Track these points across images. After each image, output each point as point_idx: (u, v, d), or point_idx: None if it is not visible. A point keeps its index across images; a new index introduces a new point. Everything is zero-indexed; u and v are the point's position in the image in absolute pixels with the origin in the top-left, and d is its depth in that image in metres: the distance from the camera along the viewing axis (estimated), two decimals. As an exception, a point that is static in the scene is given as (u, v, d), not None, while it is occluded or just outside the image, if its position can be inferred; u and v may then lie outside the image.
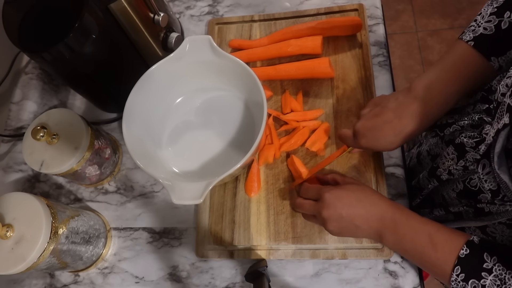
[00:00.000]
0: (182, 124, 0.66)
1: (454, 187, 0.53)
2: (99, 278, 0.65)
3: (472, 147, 0.47)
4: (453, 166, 0.51)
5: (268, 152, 0.65)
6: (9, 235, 0.49)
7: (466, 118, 0.52)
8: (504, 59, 0.48)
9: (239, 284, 0.61)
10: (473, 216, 0.52)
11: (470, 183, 0.49)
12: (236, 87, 0.64)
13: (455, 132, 0.54)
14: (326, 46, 0.71)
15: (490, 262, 0.42)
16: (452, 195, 0.54)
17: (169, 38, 0.70)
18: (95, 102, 0.74)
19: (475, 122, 0.51)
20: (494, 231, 0.49)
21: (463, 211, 0.54)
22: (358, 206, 0.51)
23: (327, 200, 0.51)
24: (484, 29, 0.48)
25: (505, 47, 0.48)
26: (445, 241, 0.46)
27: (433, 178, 0.57)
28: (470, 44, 0.49)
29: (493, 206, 0.47)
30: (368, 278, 0.58)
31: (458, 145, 0.50)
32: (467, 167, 0.48)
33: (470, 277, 0.42)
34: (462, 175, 0.51)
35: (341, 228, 0.51)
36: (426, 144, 0.65)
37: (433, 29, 1.75)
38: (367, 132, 0.53)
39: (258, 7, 0.79)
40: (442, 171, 0.54)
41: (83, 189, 0.71)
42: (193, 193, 0.50)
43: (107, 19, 0.58)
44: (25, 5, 0.56)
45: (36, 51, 0.53)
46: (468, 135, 0.48)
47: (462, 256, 0.44)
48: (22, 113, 0.79)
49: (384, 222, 0.49)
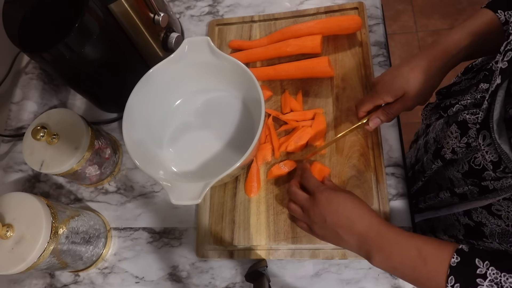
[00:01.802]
0: (182, 125, 0.66)
1: (460, 168, 0.53)
2: (99, 278, 0.65)
3: (474, 123, 0.48)
4: (457, 144, 0.51)
5: (266, 151, 0.65)
6: (9, 235, 0.49)
7: (468, 97, 0.53)
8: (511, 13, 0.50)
9: (239, 284, 0.61)
10: (478, 195, 0.52)
11: (474, 162, 0.49)
12: (234, 87, 0.64)
13: (458, 112, 0.54)
14: (326, 45, 0.71)
15: (483, 267, 0.41)
16: (457, 176, 0.54)
17: (169, 38, 0.70)
18: (95, 102, 0.74)
19: (477, 100, 0.51)
20: (499, 209, 0.48)
21: (468, 192, 0.53)
22: (342, 216, 0.50)
23: (317, 199, 0.52)
24: None
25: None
26: (434, 252, 0.45)
27: (437, 158, 0.57)
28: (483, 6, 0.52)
29: (497, 183, 0.46)
30: (368, 278, 0.58)
31: (460, 122, 0.50)
32: (470, 143, 0.49)
33: (466, 286, 0.41)
34: (465, 153, 0.51)
35: (324, 232, 0.52)
36: (433, 131, 0.65)
37: (433, 29, 1.75)
38: (384, 76, 0.54)
39: (258, 7, 0.79)
40: (446, 150, 0.54)
41: (83, 189, 0.71)
42: (191, 193, 0.50)
43: (107, 19, 0.59)
44: (25, 5, 0.56)
45: (36, 51, 0.53)
46: (470, 111, 0.49)
47: (454, 264, 0.43)
48: (22, 113, 0.79)
49: (368, 239, 0.48)
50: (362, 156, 0.63)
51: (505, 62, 0.40)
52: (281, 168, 0.63)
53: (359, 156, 0.63)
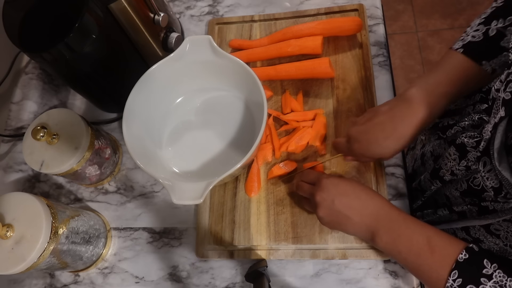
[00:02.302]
0: (182, 124, 0.66)
1: (458, 186, 0.53)
2: (99, 278, 0.65)
3: (472, 147, 0.47)
4: (456, 167, 0.50)
5: (266, 151, 0.65)
6: (9, 235, 0.49)
7: (466, 118, 0.52)
8: (497, 62, 0.48)
9: (239, 284, 0.61)
10: (477, 215, 0.51)
11: (473, 182, 0.48)
12: (236, 87, 0.64)
13: (457, 133, 0.54)
14: (326, 46, 0.71)
15: (490, 268, 0.41)
16: (455, 194, 0.54)
17: (169, 38, 0.70)
18: (95, 102, 0.74)
19: (475, 122, 0.51)
20: (498, 228, 0.48)
21: (467, 210, 0.53)
22: (352, 197, 0.50)
23: (322, 184, 0.52)
24: (472, 37, 0.50)
25: (494, 51, 0.48)
26: (443, 245, 0.45)
27: (436, 179, 0.56)
28: (459, 51, 0.50)
29: (497, 204, 0.46)
30: (368, 278, 0.58)
31: (459, 145, 0.50)
32: (469, 166, 0.48)
33: (468, 282, 0.41)
34: (465, 175, 0.50)
35: (331, 217, 0.51)
36: (429, 145, 0.64)
37: (433, 29, 1.75)
38: (360, 136, 0.53)
39: (258, 7, 0.79)
40: (445, 172, 0.53)
41: (83, 189, 0.71)
42: (193, 193, 0.50)
43: (107, 19, 0.58)
44: (25, 5, 0.56)
45: (36, 51, 0.53)
46: (468, 135, 0.48)
47: (461, 260, 0.42)
48: (22, 113, 0.79)
49: (379, 219, 0.48)
50: (362, 156, 0.63)
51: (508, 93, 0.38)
52: (281, 168, 0.63)
53: (359, 156, 0.63)
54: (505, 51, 0.47)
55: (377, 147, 0.51)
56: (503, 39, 0.47)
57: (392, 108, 0.51)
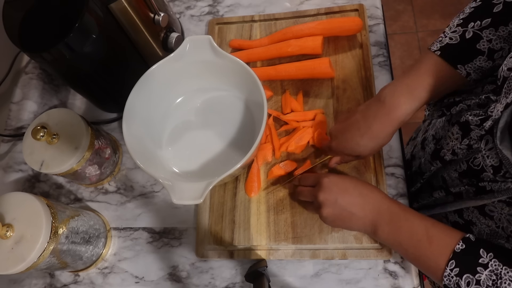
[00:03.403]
0: (182, 124, 0.66)
1: (457, 167, 0.53)
2: (99, 278, 0.65)
3: (476, 125, 0.48)
4: (457, 146, 0.51)
5: (266, 151, 0.65)
6: (9, 235, 0.49)
7: (473, 97, 0.52)
8: (471, 67, 0.49)
9: (239, 284, 0.61)
10: (473, 195, 0.52)
11: (473, 163, 0.49)
12: (236, 87, 0.64)
13: (462, 112, 0.53)
14: (326, 46, 0.71)
15: (486, 258, 0.42)
16: (453, 176, 0.55)
17: (169, 38, 0.70)
18: (95, 102, 0.74)
19: (481, 101, 0.51)
20: (492, 210, 0.49)
21: (463, 191, 0.54)
22: (355, 194, 0.51)
23: (324, 184, 0.52)
24: (449, 39, 0.50)
25: (470, 55, 0.49)
26: (441, 235, 0.46)
27: (436, 160, 0.57)
28: (437, 53, 0.50)
29: (495, 184, 0.47)
30: (368, 278, 0.58)
31: (462, 123, 0.50)
32: (471, 145, 0.48)
33: (465, 271, 0.42)
34: (466, 155, 0.51)
35: (335, 215, 0.52)
36: (432, 129, 0.65)
37: (433, 29, 1.75)
38: (338, 134, 0.55)
39: (258, 7, 0.79)
40: (446, 151, 0.54)
41: (83, 189, 0.71)
42: (193, 193, 0.50)
43: (107, 19, 0.58)
44: (25, 5, 0.56)
45: (36, 51, 0.53)
46: (473, 113, 0.49)
47: (458, 250, 0.43)
48: (22, 113, 0.79)
49: (380, 213, 0.50)
50: (362, 156, 0.63)
51: None
52: (281, 168, 0.63)
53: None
54: (480, 55, 0.48)
55: (353, 145, 0.54)
56: (479, 41, 0.48)
57: (367, 107, 0.53)
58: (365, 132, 0.52)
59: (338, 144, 0.55)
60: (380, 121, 0.51)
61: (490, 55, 0.47)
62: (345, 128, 0.55)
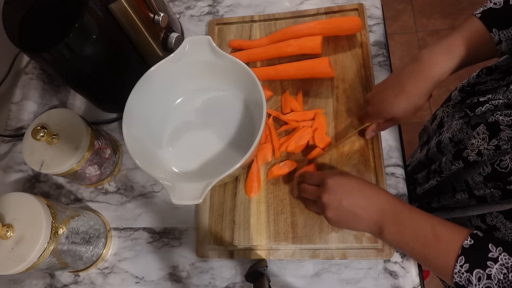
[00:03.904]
0: (182, 125, 0.66)
1: (481, 170, 0.52)
2: (99, 278, 0.65)
3: (507, 125, 0.47)
4: (484, 146, 0.50)
5: (266, 151, 0.65)
6: (9, 235, 0.49)
7: (501, 97, 0.52)
8: (506, 34, 0.49)
9: (239, 284, 0.61)
10: (499, 199, 0.51)
11: (500, 165, 0.48)
12: (235, 87, 0.64)
13: (487, 112, 0.53)
14: (326, 46, 0.71)
15: (496, 252, 0.41)
16: (477, 179, 0.54)
17: (169, 38, 0.70)
18: (95, 102, 0.74)
19: (510, 101, 0.50)
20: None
21: (488, 194, 0.53)
22: (359, 195, 0.51)
23: (328, 185, 0.52)
24: (493, 4, 0.50)
25: (508, 22, 0.48)
26: (448, 232, 0.45)
27: (459, 159, 0.56)
28: (478, 16, 0.50)
29: None
30: (368, 278, 0.58)
31: (491, 124, 0.49)
32: (500, 146, 0.48)
33: (475, 267, 0.41)
34: (492, 156, 0.50)
35: (340, 216, 0.51)
36: (448, 131, 0.64)
37: (433, 29, 1.75)
38: (373, 97, 0.55)
39: (258, 7, 0.79)
40: (470, 151, 0.53)
41: (83, 189, 0.71)
42: (192, 193, 0.50)
43: (107, 19, 0.58)
44: (25, 5, 0.56)
45: (36, 51, 0.53)
46: (504, 113, 0.48)
47: (466, 246, 0.43)
48: (22, 113, 0.79)
49: (385, 214, 0.49)
50: (362, 156, 0.63)
51: None
52: (281, 168, 0.63)
53: (359, 156, 0.63)
54: None
55: (387, 106, 0.53)
56: None
57: (402, 68, 0.53)
58: (399, 92, 0.52)
59: (373, 107, 0.55)
60: (415, 79, 0.51)
61: None
62: (380, 90, 0.54)
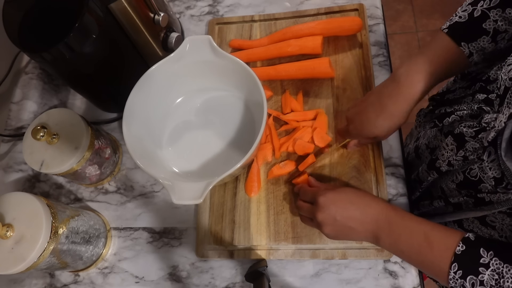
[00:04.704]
0: (182, 124, 0.66)
1: (454, 178, 0.53)
2: (99, 278, 0.65)
3: (471, 137, 0.48)
4: (453, 157, 0.51)
5: (266, 151, 0.65)
6: (9, 235, 0.49)
7: (465, 107, 0.53)
8: (475, 46, 0.49)
9: (239, 284, 0.61)
10: (473, 206, 0.52)
11: (470, 174, 0.49)
12: (236, 87, 0.64)
13: (454, 123, 0.54)
14: (326, 46, 0.71)
15: (487, 257, 0.42)
16: (451, 187, 0.54)
17: (169, 38, 0.70)
18: (95, 102, 0.74)
19: (474, 111, 0.51)
20: (494, 220, 0.49)
21: (462, 202, 0.54)
22: (352, 209, 0.51)
23: (321, 204, 0.52)
24: (459, 18, 0.51)
25: (475, 34, 0.49)
26: (440, 239, 0.46)
27: (433, 170, 0.57)
28: (445, 31, 0.51)
29: (494, 196, 0.47)
30: (368, 278, 0.58)
31: (457, 135, 0.50)
32: (467, 157, 0.48)
33: (468, 273, 0.42)
34: (461, 166, 0.51)
35: (337, 232, 0.52)
36: (424, 137, 0.65)
37: (433, 29, 1.75)
38: (354, 117, 0.55)
39: (258, 7, 0.79)
40: (441, 162, 0.54)
41: (83, 189, 0.71)
42: (193, 193, 0.50)
43: (107, 19, 0.58)
44: (25, 5, 0.56)
45: (36, 51, 0.53)
46: (467, 124, 0.49)
47: (458, 252, 0.43)
48: (22, 113, 0.79)
49: (379, 224, 0.49)
50: (362, 156, 0.63)
51: None
52: (281, 168, 0.63)
53: (359, 157, 0.63)
54: (485, 35, 0.48)
55: (370, 126, 0.53)
56: (485, 21, 0.48)
57: (381, 88, 0.53)
58: (381, 112, 0.52)
59: (355, 127, 0.55)
60: (395, 99, 0.51)
61: (494, 36, 0.48)
62: (361, 110, 0.54)
